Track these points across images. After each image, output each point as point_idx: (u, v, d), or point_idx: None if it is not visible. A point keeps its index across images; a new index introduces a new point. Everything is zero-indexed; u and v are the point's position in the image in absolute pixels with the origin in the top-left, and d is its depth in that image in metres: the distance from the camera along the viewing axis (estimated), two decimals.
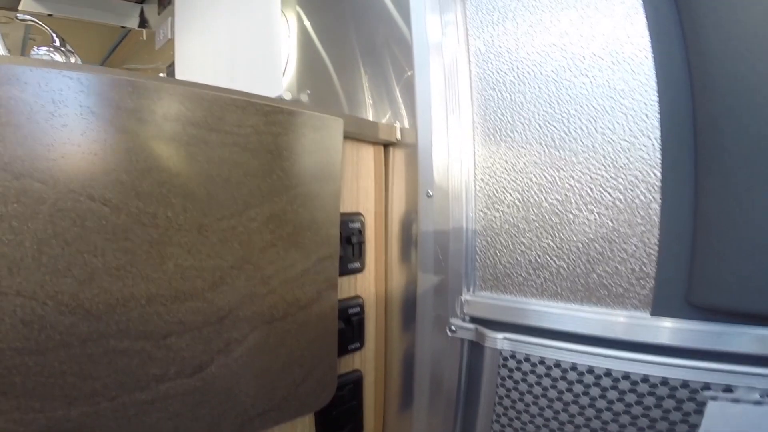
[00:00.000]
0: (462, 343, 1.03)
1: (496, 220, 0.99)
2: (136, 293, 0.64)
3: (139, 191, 0.63)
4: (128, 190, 0.62)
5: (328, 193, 0.88)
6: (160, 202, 0.65)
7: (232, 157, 0.73)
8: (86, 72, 0.59)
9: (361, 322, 1.09)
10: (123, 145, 0.62)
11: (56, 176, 0.57)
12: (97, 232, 0.60)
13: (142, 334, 0.66)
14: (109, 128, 0.60)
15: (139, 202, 0.63)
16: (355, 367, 1.12)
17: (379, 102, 1.20)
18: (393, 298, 1.16)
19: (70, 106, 0.57)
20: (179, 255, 0.68)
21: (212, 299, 0.72)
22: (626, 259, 0.83)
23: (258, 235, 0.77)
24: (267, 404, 0.83)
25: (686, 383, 0.76)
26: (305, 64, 1.52)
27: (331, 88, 1.40)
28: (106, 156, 0.60)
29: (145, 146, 0.64)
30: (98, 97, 0.59)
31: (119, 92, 0.61)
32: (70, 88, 0.57)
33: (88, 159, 0.59)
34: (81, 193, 0.59)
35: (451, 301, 1.03)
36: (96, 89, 0.59)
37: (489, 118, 1.00)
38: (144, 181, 0.64)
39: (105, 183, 0.60)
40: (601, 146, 0.85)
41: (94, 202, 0.60)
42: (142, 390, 0.67)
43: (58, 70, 0.57)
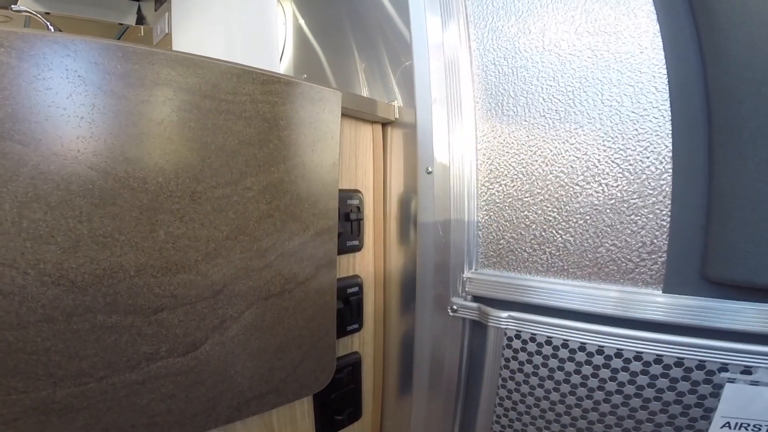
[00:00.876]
0: (463, 323, 1.00)
1: (499, 194, 0.96)
2: (124, 263, 0.61)
3: (128, 156, 0.60)
4: (116, 155, 0.59)
5: (326, 164, 0.85)
6: (150, 167, 0.62)
7: (227, 124, 0.70)
8: (73, 37, 0.56)
9: (360, 303, 1.07)
10: (112, 109, 0.59)
11: (39, 138, 0.54)
12: (82, 196, 0.57)
13: (132, 309, 0.62)
14: (98, 92, 0.57)
15: (128, 166, 0.60)
16: (354, 349, 1.09)
17: (374, 84, 1.18)
18: (392, 277, 1.13)
19: (56, 69, 0.54)
20: (171, 223, 0.64)
21: (206, 272, 0.69)
22: (636, 232, 0.80)
23: (254, 205, 0.74)
24: (264, 386, 0.80)
25: (702, 364, 0.73)
26: (301, 51, 1.49)
27: (325, 74, 1.38)
28: (94, 120, 0.57)
29: (134, 111, 0.61)
30: (86, 61, 0.56)
31: (108, 57, 0.58)
32: (56, 52, 0.55)
33: (74, 122, 0.56)
34: (65, 156, 0.55)
35: (452, 279, 1.00)
36: (84, 54, 0.56)
37: (491, 92, 0.97)
38: (133, 146, 0.61)
39: (92, 147, 0.57)
40: (608, 118, 0.82)
41: (79, 165, 0.56)
42: (132, 369, 0.64)
43: (43, 35, 0.54)
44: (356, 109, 0.99)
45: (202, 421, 0.73)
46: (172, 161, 0.64)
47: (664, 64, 0.77)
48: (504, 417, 0.95)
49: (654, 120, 0.78)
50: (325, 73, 1.38)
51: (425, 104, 1.00)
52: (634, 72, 0.80)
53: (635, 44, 0.80)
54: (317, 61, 1.41)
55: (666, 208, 0.77)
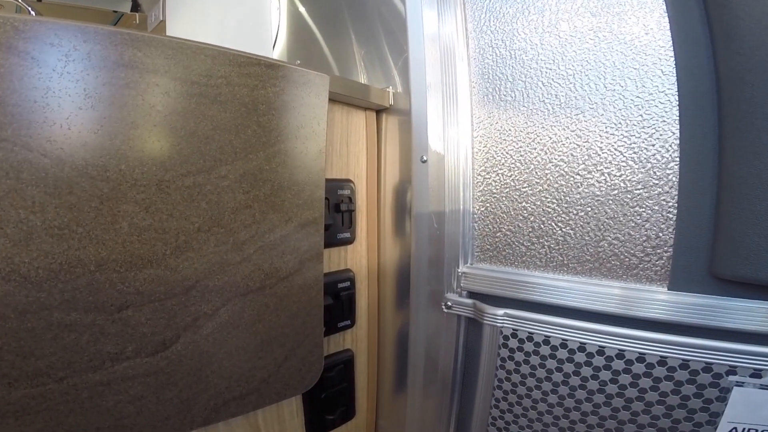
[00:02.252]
0: (459, 321, 0.97)
1: (496, 184, 0.92)
2: (83, 257, 0.56)
3: (87, 142, 0.56)
4: (73, 141, 0.55)
5: (311, 152, 0.81)
6: (111, 154, 0.58)
7: (199, 108, 0.66)
8: (28, 18, 0.52)
9: (352, 298, 1.03)
10: (68, 92, 0.55)
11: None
12: (35, 185, 0.53)
13: (93, 306, 0.58)
14: (53, 75, 0.54)
15: (87, 153, 0.56)
16: (346, 346, 1.06)
17: (372, 69, 1.14)
18: (386, 271, 1.09)
19: (5, 51, 0.51)
20: (135, 214, 0.60)
21: (176, 267, 0.65)
22: (641, 224, 0.76)
23: (229, 195, 0.70)
24: (244, 387, 0.76)
25: (709, 367, 0.70)
26: (295, 35, 1.46)
27: (321, 60, 1.35)
28: (48, 104, 0.53)
29: (93, 93, 0.56)
30: (40, 42, 0.53)
31: (65, 38, 0.54)
32: (6, 33, 0.51)
33: (25, 106, 0.52)
34: (15, 142, 0.51)
35: (446, 273, 0.96)
36: (37, 35, 0.52)
37: (487, 77, 0.93)
38: (93, 132, 0.56)
39: (46, 132, 0.53)
40: (611, 103, 0.78)
41: (31, 152, 0.52)
42: (95, 370, 0.60)
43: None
44: (348, 95, 0.95)
45: (177, 424, 0.69)
46: (137, 148, 0.60)
47: (671, 46, 0.73)
48: (500, 419, 0.92)
49: (660, 105, 0.74)
50: (325, 60, 1.34)
51: (420, 90, 0.96)
52: (639, 54, 0.76)
53: (640, 25, 0.76)
54: (317, 48, 1.37)
55: (672, 200, 0.73)
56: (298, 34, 1.45)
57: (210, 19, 1.88)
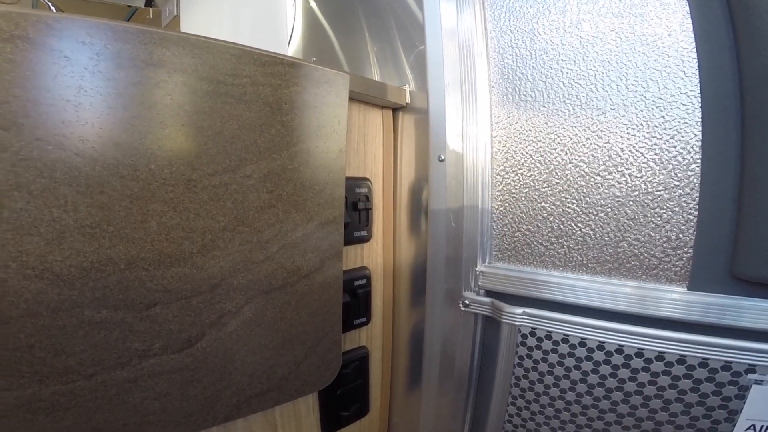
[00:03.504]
0: (476, 319, 0.96)
1: (515, 184, 0.92)
2: (114, 256, 0.57)
3: (118, 141, 0.56)
4: (105, 140, 0.55)
5: (332, 151, 0.81)
6: (141, 154, 0.58)
7: (225, 108, 0.66)
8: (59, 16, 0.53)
9: (368, 295, 1.03)
10: (100, 91, 0.55)
11: (20, 123, 0.50)
12: (67, 184, 0.53)
13: (122, 304, 0.59)
14: (85, 74, 0.54)
15: (118, 152, 0.56)
16: (361, 343, 1.06)
17: (386, 68, 1.14)
18: (402, 269, 1.10)
19: (40, 49, 0.51)
20: (164, 213, 0.61)
21: (202, 265, 0.65)
22: (661, 226, 0.76)
23: (254, 194, 0.70)
24: (265, 383, 0.77)
25: (728, 365, 0.70)
26: (311, 33, 1.46)
27: (335, 57, 1.35)
28: (80, 103, 0.54)
29: (124, 93, 0.57)
30: (73, 41, 0.53)
31: (96, 36, 0.54)
32: (40, 31, 0.51)
33: (59, 106, 0.52)
34: (49, 141, 0.52)
35: (464, 272, 0.96)
36: (70, 33, 0.53)
37: (507, 77, 0.93)
38: (123, 131, 0.57)
39: (78, 132, 0.54)
40: (632, 104, 0.78)
41: (64, 151, 0.53)
42: (123, 367, 0.60)
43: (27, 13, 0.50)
44: (365, 93, 0.95)
45: (200, 420, 0.70)
46: (166, 147, 0.61)
47: (694, 48, 0.73)
48: (516, 416, 0.92)
49: (682, 106, 0.74)
50: (336, 56, 1.35)
51: (438, 88, 0.96)
52: (661, 55, 0.76)
53: (663, 26, 0.75)
54: (329, 44, 1.37)
55: (693, 201, 0.73)
56: (313, 31, 1.45)
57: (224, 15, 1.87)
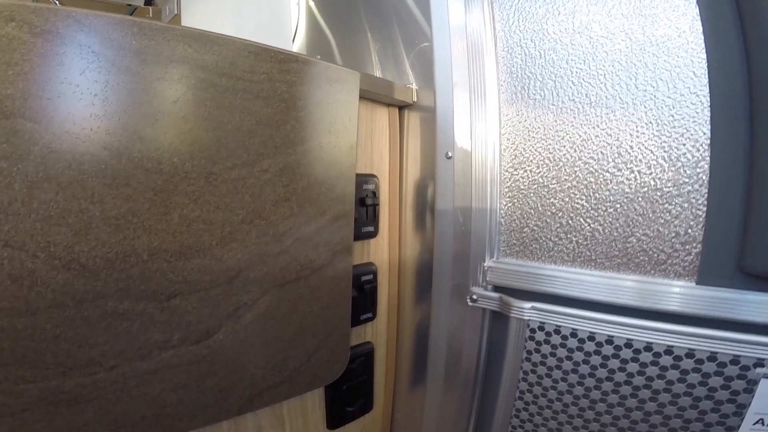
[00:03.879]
0: (483, 314, 0.97)
1: (524, 180, 0.93)
2: (137, 247, 0.58)
3: (143, 135, 0.57)
4: (131, 134, 0.56)
5: (343, 147, 0.82)
6: (165, 147, 0.59)
7: (244, 104, 0.67)
8: (87, 12, 0.54)
9: (374, 291, 1.03)
10: (126, 86, 0.56)
11: (50, 116, 0.51)
12: (94, 176, 0.54)
13: (144, 295, 0.59)
14: (112, 69, 0.55)
15: (143, 146, 0.57)
16: (367, 339, 1.07)
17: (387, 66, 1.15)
18: (407, 265, 1.10)
19: (69, 44, 0.52)
20: (185, 205, 0.62)
21: (221, 257, 0.66)
22: (670, 221, 0.77)
23: (270, 188, 0.71)
24: (278, 376, 0.77)
25: (737, 359, 0.70)
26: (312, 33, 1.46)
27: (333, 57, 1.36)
28: (107, 97, 0.55)
29: (149, 88, 0.58)
30: (100, 36, 0.54)
31: (123, 32, 0.55)
32: (70, 26, 0.52)
33: (87, 100, 0.53)
34: (78, 134, 0.53)
35: (472, 268, 0.97)
36: (97, 28, 0.54)
37: (516, 75, 0.94)
38: (148, 125, 0.58)
39: (105, 125, 0.55)
40: (642, 103, 0.79)
41: (92, 144, 0.54)
42: (144, 358, 0.61)
43: (57, 9, 0.51)
44: (372, 91, 0.95)
45: (214, 413, 0.71)
46: (188, 141, 0.61)
47: (704, 49, 0.74)
48: (524, 410, 0.93)
49: (691, 106, 0.75)
50: (333, 57, 1.35)
51: (446, 87, 0.97)
52: (671, 56, 0.77)
53: (673, 27, 0.76)
54: (326, 44, 1.37)
55: (702, 198, 0.74)
56: (314, 31, 1.45)
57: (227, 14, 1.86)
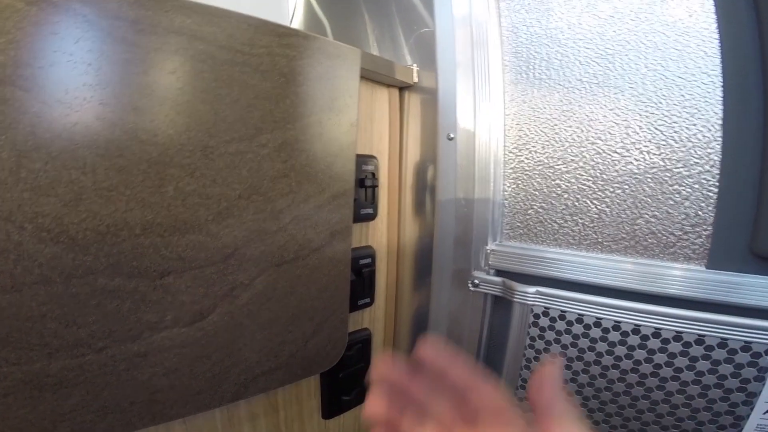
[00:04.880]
0: (485, 299, 0.95)
1: (528, 161, 0.91)
2: (129, 220, 0.55)
3: (138, 106, 0.55)
4: (125, 105, 0.54)
5: (343, 124, 0.80)
6: (161, 119, 0.57)
7: (243, 77, 0.65)
8: None
9: (372, 275, 1.01)
10: (121, 56, 0.54)
11: (42, 85, 0.49)
12: (86, 147, 0.52)
13: (136, 271, 0.57)
14: (107, 39, 0.52)
15: (137, 117, 0.55)
16: (364, 325, 1.05)
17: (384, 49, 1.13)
18: (406, 249, 1.08)
19: (63, 13, 0.50)
20: (181, 178, 0.59)
21: (216, 233, 0.64)
22: (680, 203, 0.75)
23: (269, 163, 0.69)
24: (273, 361, 0.75)
25: (748, 346, 0.69)
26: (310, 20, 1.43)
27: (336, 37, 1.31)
28: (101, 67, 0.52)
29: (145, 59, 0.56)
30: (96, 6, 0.51)
31: (119, 2, 0.53)
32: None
33: (81, 69, 0.51)
34: (70, 104, 0.50)
35: (474, 251, 0.95)
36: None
37: (521, 55, 0.92)
38: (143, 96, 0.56)
39: (99, 95, 0.52)
40: (651, 83, 0.77)
41: (85, 114, 0.51)
42: (134, 340, 0.58)
43: None
44: (373, 71, 0.93)
45: (207, 399, 0.68)
46: (185, 113, 0.59)
47: (716, 28, 0.72)
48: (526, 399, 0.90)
49: (703, 85, 0.73)
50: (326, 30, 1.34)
51: (448, 67, 0.95)
52: (682, 35, 0.75)
53: (683, 8, 0.74)
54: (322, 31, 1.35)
55: (713, 179, 0.72)
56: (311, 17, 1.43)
57: None
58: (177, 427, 0.73)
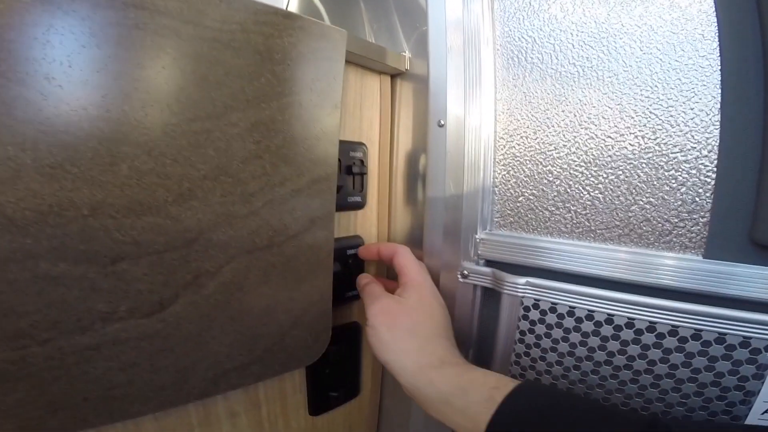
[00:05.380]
0: (474, 291, 0.92)
1: (519, 147, 0.88)
2: (76, 200, 0.51)
3: (88, 80, 0.51)
4: (73, 79, 0.50)
5: (326, 106, 0.77)
6: (114, 94, 0.53)
7: (212, 53, 0.61)
8: None
9: (361, 267, 0.99)
10: (70, 29, 0.50)
11: None
12: (27, 122, 0.48)
13: (84, 256, 0.53)
14: (57, 12, 0.49)
15: (86, 91, 0.51)
16: (353, 318, 1.03)
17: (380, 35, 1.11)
18: (396, 239, 1.07)
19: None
20: (137, 156, 0.55)
21: (178, 216, 0.60)
22: (676, 188, 0.72)
23: (239, 143, 0.65)
24: (246, 356, 0.72)
25: (747, 341, 0.65)
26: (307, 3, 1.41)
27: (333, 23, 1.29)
28: (48, 41, 0.49)
29: (99, 32, 0.52)
30: None
31: None
32: None
33: (24, 42, 0.47)
34: (9, 77, 0.47)
35: (463, 240, 0.92)
36: None
37: (512, 38, 0.89)
38: (95, 70, 0.52)
39: (44, 69, 0.49)
40: (647, 66, 0.74)
41: (26, 88, 0.48)
42: (84, 331, 0.55)
43: None
44: (363, 56, 0.91)
45: (172, 395, 0.65)
46: (142, 89, 0.55)
47: (714, 11, 0.69)
48: None
49: (700, 69, 0.70)
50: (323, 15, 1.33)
51: (440, 53, 0.92)
52: (678, 18, 0.72)
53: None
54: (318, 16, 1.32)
55: (711, 164, 0.69)
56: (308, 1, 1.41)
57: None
58: (148, 424, 0.70)
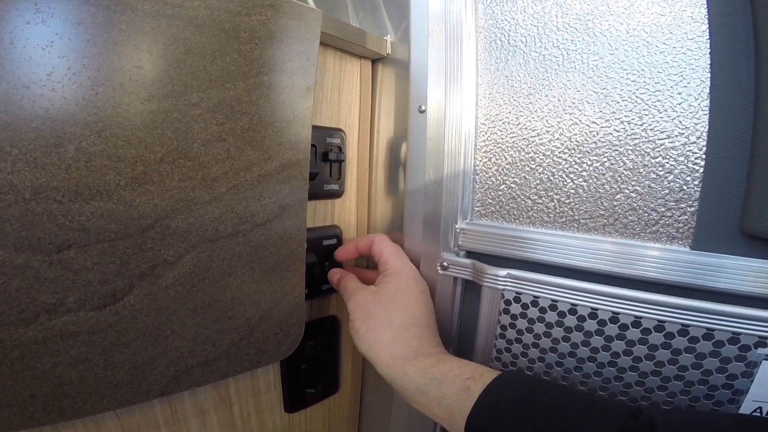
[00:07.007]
0: (455, 283, 0.90)
1: (501, 133, 0.85)
2: (16, 182, 0.48)
3: (32, 57, 0.48)
4: (14, 56, 0.47)
5: (298, 88, 0.73)
6: (60, 72, 0.50)
7: (171, 30, 0.58)
8: None
9: None
10: (14, 6, 0.47)
11: None
12: None
13: (26, 243, 0.49)
14: None
15: (29, 69, 0.48)
16: (331, 312, 1.00)
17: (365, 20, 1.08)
18: (376, 229, 1.04)
19: None
20: (84, 137, 0.52)
21: (131, 201, 0.56)
22: (663, 176, 0.69)
23: (200, 125, 0.61)
24: (211, 351, 0.69)
25: (735, 338, 0.62)
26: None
27: None
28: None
29: (44, 8, 0.48)
30: None
31: None
32: None
33: None
34: None
35: (443, 230, 0.89)
36: None
37: (495, 21, 0.86)
38: (39, 48, 0.48)
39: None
40: (634, 49, 0.71)
41: None
42: (27, 324, 0.51)
43: None
44: (342, 38, 0.88)
45: (129, 393, 0.61)
46: (92, 67, 0.52)
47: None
48: None
49: (689, 52, 0.67)
50: None
51: (421, 36, 0.89)
52: None
53: None
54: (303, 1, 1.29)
55: (699, 150, 0.66)
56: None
57: None
58: (110, 422, 0.67)
